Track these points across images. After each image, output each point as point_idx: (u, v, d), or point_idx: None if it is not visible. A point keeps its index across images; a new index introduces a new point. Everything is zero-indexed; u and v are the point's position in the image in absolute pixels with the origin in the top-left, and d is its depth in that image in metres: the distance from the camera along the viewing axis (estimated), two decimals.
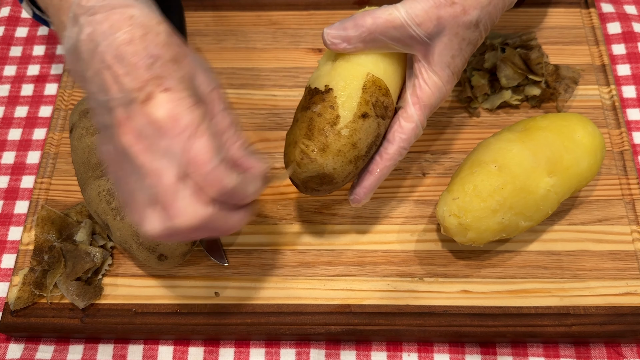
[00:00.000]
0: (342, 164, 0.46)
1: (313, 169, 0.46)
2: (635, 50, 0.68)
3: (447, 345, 0.53)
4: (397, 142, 0.49)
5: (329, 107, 0.46)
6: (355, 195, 0.51)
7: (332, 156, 0.46)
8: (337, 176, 0.47)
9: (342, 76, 0.47)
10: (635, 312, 0.52)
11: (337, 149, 0.46)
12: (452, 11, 0.47)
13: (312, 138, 0.46)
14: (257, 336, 0.53)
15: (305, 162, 0.46)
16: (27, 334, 0.54)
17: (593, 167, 0.52)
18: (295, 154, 0.47)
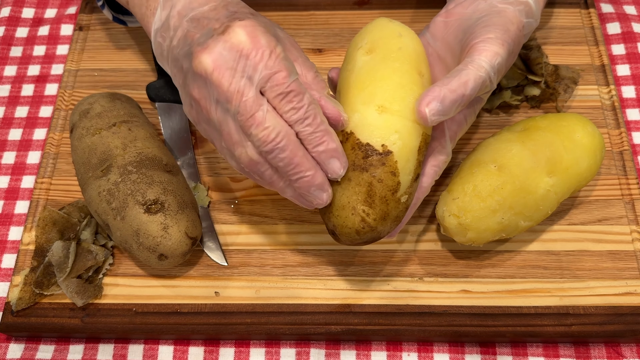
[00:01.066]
0: (394, 225, 0.46)
1: (371, 236, 0.45)
2: (634, 50, 0.68)
3: (447, 345, 0.53)
4: (432, 175, 0.49)
5: (390, 174, 0.44)
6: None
7: (390, 222, 0.45)
8: (385, 234, 0.47)
9: (400, 135, 0.44)
10: (634, 312, 0.52)
11: (396, 215, 0.45)
12: (511, 57, 0.48)
13: (374, 206, 0.44)
14: (257, 336, 0.53)
15: (365, 231, 0.44)
16: (28, 333, 0.54)
17: (593, 167, 0.52)
18: (355, 222, 0.44)
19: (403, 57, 0.46)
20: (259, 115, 0.41)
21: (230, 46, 0.41)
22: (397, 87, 0.45)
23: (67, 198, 0.59)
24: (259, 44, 0.41)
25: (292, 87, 0.41)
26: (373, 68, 0.46)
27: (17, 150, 0.64)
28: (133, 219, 0.50)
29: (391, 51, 0.46)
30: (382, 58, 0.46)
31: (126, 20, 0.65)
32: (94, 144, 0.54)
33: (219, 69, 0.41)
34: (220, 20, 0.43)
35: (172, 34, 0.46)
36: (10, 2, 0.75)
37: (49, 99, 0.68)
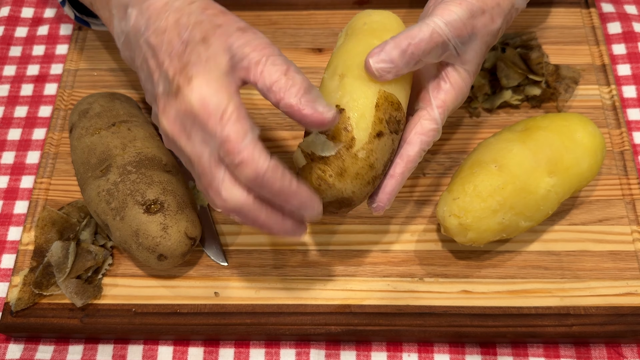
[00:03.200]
0: (360, 187, 0.45)
1: (331, 195, 0.45)
2: (635, 50, 0.67)
3: (447, 345, 0.53)
4: (419, 144, 0.48)
5: (342, 130, 0.44)
6: (378, 202, 0.48)
7: (350, 180, 0.45)
8: (355, 199, 0.46)
9: (352, 95, 0.45)
10: (635, 312, 0.52)
11: (355, 172, 0.44)
12: (484, 20, 0.47)
13: (329, 163, 0.44)
14: (257, 336, 0.53)
15: (323, 188, 0.45)
16: (27, 334, 0.54)
17: (593, 167, 0.52)
18: (312, 180, 0.45)
19: (367, 30, 0.48)
20: (215, 184, 0.40)
21: (183, 111, 0.40)
22: (355, 55, 0.46)
23: (66, 198, 0.59)
24: (208, 110, 0.39)
25: (243, 156, 0.39)
26: (340, 47, 0.49)
27: (16, 150, 0.64)
28: (132, 219, 0.50)
29: (357, 28, 0.49)
30: (350, 36, 0.49)
31: (89, 22, 0.63)
32: (93, 143, 0.54)
33: (177, 134, 0.41)
34: (173, 64, 0.41)
35: (135, 54, 0.45)
36: (10, 2, 0.75)
37: (48, 98, 0.68)
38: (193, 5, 0.43)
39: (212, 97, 0.40)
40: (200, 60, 0.41)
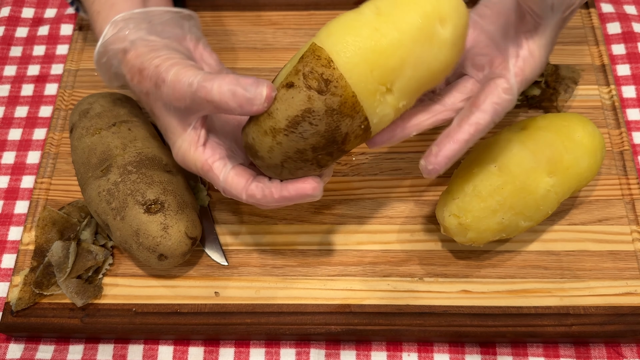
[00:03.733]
0: (257, 134, 0.43)
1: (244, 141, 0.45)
2: (635, 50, 0.68)
3: (447, 345, 0.53)
4: (492, 113, 0.45)
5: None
6: (434, 165, 0.45)
7: (252, 125, 0.43)
8: (258, 149, 0.43)
9: (301, 49, 0.43)
10: (635, 312, 0.52)
11: (256, 118, 0.43)
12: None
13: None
14: (257, 336, 0.53)
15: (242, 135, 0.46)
16: (27, 334, 0.54)
17: (593, 167, 0.52)
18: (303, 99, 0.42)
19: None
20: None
21: None
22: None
23: (66, 198, 0.59)
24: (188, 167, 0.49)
25: (227, 193, 0.47)
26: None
27: (16, 150, 0.64)
28: (133, 219, 0.50)
29: None
30: None
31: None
32: (93, 144, 0.54)
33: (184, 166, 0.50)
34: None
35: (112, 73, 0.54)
36: (10, 2, 0.75)
37: (48, 98, 0.68)
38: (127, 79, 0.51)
39: (184, 160, 0.48)
40: (164, 132, 0.50)
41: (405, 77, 0.42)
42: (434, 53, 0.42)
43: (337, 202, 0.58)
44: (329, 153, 0.43)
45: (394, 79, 0.41)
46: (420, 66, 0.42)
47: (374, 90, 0.41)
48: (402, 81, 0.42)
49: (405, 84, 0.42)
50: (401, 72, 0.41)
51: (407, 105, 0.44)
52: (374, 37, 0.41)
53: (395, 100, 0.42)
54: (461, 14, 0.42)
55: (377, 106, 0.42)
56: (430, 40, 0.41)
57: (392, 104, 0.42)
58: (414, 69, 0.42)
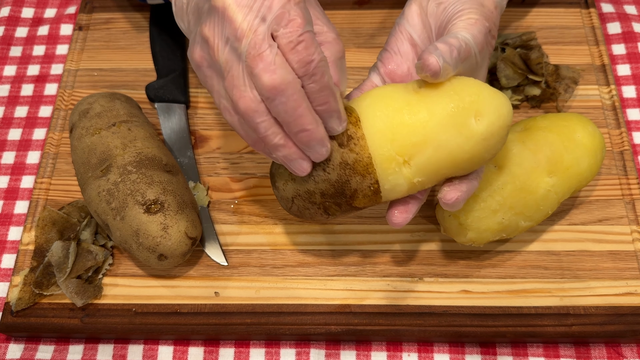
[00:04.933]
0: (279, 166, 0.47)
1: (270, 169, 0.48)
2: (635, 50, 0.68)
3: (447, 345, 0.53)
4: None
5: None
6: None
7: None
8: (277, 179, 0.47)
9: None
10: (635, 312, 0.52)
11: None
12: (490, 37, 0.47)
13: None
14: (257, 336, 0.53)
15: None
16: (27, 334, 0.54)
17: (593, 167, 0.52)
18: None
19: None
20: (266, 54, 0.39)
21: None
22: None
23: (66, 198, 0.59)
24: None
25: (304, 37, 0.39)
26: None
27: (16, 150, 0.64)
28: (133, 219, 0.50)
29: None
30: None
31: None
32: (93, 143, 0.54)
33: (235, 4, 0.40)
34: None
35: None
36: (10, 2, 0.75)
37: (48, 98, 0.68)
38: None
39: None
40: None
41: (424, 156, 0.43)
42: (460, 142, 0.42)
43: None
44: (336, 203, 0.45)
45: (413, 154, 0.43)
46: (443, 150, 0.42)
47: (390, 158, 0.43)
48: (421, 159, 0.43)
49: (424, 162, 0.43)
50: (422, 150, 0.42)
51: (423, 183, 0.44)
52: (403, 111, 0.43)
53: (411, 174, 0.43)
54: (501, 115, 0.42)
55: (390, 174, 0.43)
56: (458, 129, 0.42)
57: (407, 176, 0.43)
58: (435, 151, 0.42)
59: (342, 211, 0.45)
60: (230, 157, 0.61)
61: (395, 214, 0.46)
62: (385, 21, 0.69)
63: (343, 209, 0.45)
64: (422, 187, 0.45)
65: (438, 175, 0.44)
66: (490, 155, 0.44)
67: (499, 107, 0.42)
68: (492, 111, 0.42)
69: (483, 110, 0.42)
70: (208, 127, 0.63)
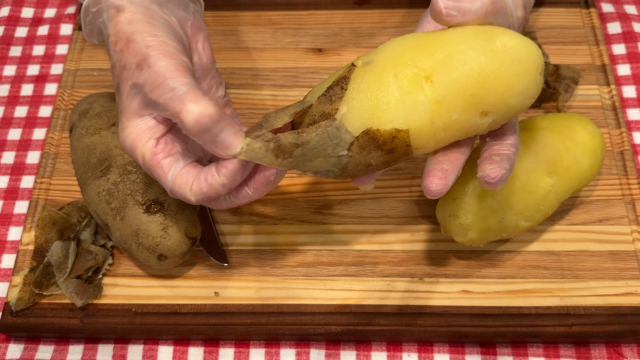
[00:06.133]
0: None
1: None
2: (635, 50, 0.67)
3: (447, 345, 0.53)
4: None
5: None
6: None
7: None
8: None
9: None
10: (635, 312, 0.52)
11: None
12: (528, 12, 0.47)
13: None
14: (257, 336, 0.53)
15: None
16: (27, 334, 0.54)
17: (593, 167, 0.52)
18: None
19: None
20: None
21: None
22: None
23: (66, 198, 0.59)
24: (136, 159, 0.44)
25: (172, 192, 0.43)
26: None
27: (16, 150, 0.64)
28: (132, 219, 0.50)
29: None
30: None
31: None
32: (93, 143, 0.54)
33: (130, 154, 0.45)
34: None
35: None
36: (10, 2, 0.75)
37: (48, 98, 0.68)
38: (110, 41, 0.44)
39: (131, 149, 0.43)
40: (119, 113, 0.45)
41: (447, 72, 0.40)
42: (485, 60, 0.40)
43: (337, 202, 0.58)
44: None
45: (435, 69, 0.40)
46: (466, 67, 0.40)
47: (410, 74, 0.40)
48: (444, 75, 0.40)
49: (447, 79, 0.40)
50: (444, 65, 0.40)
51: (449, 106, 0.40)
52: (423, 34, 0.42)
53: (434, 92, 0.40)
54: (529, 47, 0.41)
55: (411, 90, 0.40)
56: (483, 47, 0.40)
57: (428, 93, 0.40)
58: (458, 68, 0.40)
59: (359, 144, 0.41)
60: None
61: (434, 181, 0.41)
62: (385, 21, 0.69)
63: None
64: (449, 114, 0.40)
65: (465, 97, 0.40)
66: (521, 86, 0.40)
67: (526, 40, 0.41)
68: (519, 40, 0.40)
69: (509, 38, 0.40)
70: None
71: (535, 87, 0.41)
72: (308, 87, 0.65)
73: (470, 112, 0.40)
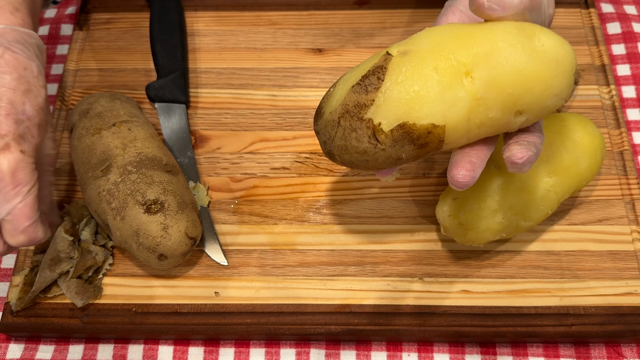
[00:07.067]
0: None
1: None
2: (635, 50, 0.68)
3: (447, 345, 0.53)
4: None
5: None
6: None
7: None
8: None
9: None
10: (635, 312, 0.52)
11: None
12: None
13: None
14: (257, 336, 0.53)
15: None
16: (27, 334, 0.54)
17: (593, 167, 0.52)
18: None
19: None
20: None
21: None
22: None
23: (66, 198, 0.59)
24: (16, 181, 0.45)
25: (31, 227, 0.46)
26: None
27: None
28: (133, 219, 0.50)
29: None
30: None
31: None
32: (93, 143, 0.54)
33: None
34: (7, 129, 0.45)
35: None
36: None
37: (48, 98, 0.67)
38: (42, 90, 0.49)
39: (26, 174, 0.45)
40: (31, 143, 0.46)
41: (488, 68, 0.39)
42: (525, 59, 0.39)
43: (337, 202, 0.58)
44: None
45: (476, 65, 0.39)
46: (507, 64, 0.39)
47: (451, 68, 0.40)
48: (485, 71, 0.39)
49: (487, 75, 0.39)
50: (485, 61, 0.39)
51: (487, 104, 0.40)
52: (466, 26, 0.41)
53: (474, 88, 0.39)
54: (566, 47, 0.40)
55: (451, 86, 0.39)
56: (523, 45, 0.39)
57: (469, 89, 0.39)
58: (499, 65, 0.39)
59: (393, 138, 0.40)
60: (230, 157, 0.61)
61: (461, 172, 0.41)
62: (385, 21, 0.69)
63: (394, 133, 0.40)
64: (487, 112, 0.40)
65: (504, 95, 0.39)
66: (558, 87, 0.40)
67: (563, 41, 0.40)
68: (557, 40, 0.40)
69: (548, 38, 0.40)
70: (208, 127, 0.63)
71: (569, 88, 0.41)
72: (308, 87, 0.65)
73: (506, 111, 0.40)
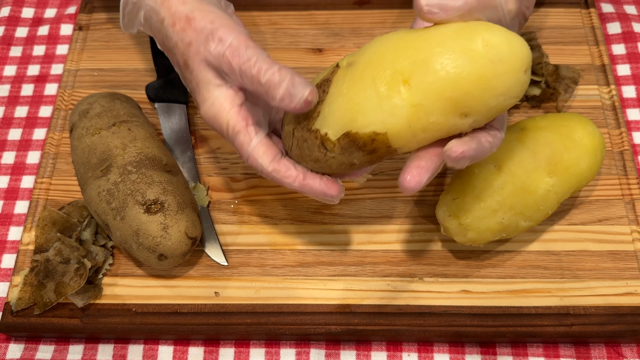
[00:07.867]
0: None
1: None
2: (635, 50, 0.68)
3: (447, 345, 0.53)
4: None
5: None
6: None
7: None
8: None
9: None
10: (635, 312, 0.52)
11: None
12: (525, 7, 0.46)
13: None
14: (257, 336, 0.53)
15: None
16: (27, 334, 0.54)
17: (593, 167, 0.52)
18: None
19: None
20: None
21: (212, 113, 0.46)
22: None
23: (66, 198, 0.59)
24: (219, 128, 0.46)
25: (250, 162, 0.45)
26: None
27: (16, 150, 0.64)
28: (133, 219, 0.50)
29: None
30: None
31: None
32: (93, 144, 0.54)
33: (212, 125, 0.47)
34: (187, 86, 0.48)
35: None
36: (10, 2, 0.75)
37: (48, 98, 0.68)
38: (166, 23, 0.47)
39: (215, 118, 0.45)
40: (194, 87, 0.47)
41: (424, 75, 0.39)
42: (463, 62, 0.38)
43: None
44: None
45: (413, 73, 0.40)
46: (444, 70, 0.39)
47: (387, 77, 0.41)
48: (421, 78, 0.39)
49: (424, 82, 0.39)
50: (421, 68, 0.40)
51: (426, 111, 0.40)
52: (404, 34, 0.42)
53: (411, 96, 0.40)
54: (513, 44, 0.39)
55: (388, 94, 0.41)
56: (462, 47, 0.39)
57: (405, 97, 0.40)
58: (436, 71, 0.39)
59: (340, 146, 0.42)
60: (230, 157, 0.61)
61: (408, 178, 0.41)
62: (385, 21, 0.69)
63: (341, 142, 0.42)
64: (427, 117, 0.39)
65: (442, 100, 0.39)
66: (502, 87, 0.38)
67: (510, 37, 0.38)
68: (502, 38, 0.38)
69: (492, 35, 0.38)
70: (208, 127, 0.63)
71: (518, 86, 0.39)
72: None
73: (448, 115, 0.39)
